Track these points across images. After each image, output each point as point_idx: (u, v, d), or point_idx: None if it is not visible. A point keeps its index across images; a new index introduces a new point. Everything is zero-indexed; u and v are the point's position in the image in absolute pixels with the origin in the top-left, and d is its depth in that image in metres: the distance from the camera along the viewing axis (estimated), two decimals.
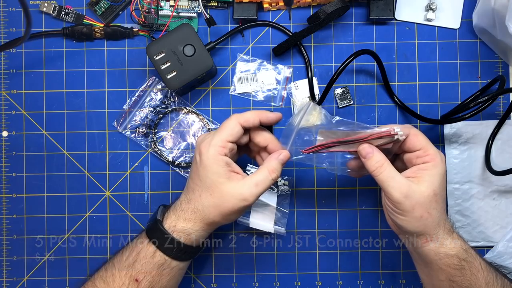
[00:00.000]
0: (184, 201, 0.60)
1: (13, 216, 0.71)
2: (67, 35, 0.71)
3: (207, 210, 0.58)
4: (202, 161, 0.58)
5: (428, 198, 0.55)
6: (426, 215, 0.56)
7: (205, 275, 0.71)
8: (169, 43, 0.65)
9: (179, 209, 0.60)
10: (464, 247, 0.58)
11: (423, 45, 0.72)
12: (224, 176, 0.57)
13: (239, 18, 0.70)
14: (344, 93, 0.71)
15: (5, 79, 0.72)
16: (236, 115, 0.59)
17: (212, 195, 0.58)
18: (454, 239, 0.58)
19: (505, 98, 0.72)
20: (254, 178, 0.58)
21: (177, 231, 0.59)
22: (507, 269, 0.69)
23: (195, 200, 0.59)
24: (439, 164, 0.57)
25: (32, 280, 0.71)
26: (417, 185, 0.55)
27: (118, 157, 0.71)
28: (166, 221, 0.60)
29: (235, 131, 0.58)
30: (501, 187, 0.70)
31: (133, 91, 0.72)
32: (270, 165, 0.59)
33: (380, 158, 0.57)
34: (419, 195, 0.55)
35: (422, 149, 0.57)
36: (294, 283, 0.71)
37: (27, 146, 0.71)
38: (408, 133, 0.57)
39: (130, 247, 0.61)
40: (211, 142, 0.58)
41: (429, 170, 0.56)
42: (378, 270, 0.71)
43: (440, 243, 0.57)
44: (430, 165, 0.56)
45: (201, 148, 0.58)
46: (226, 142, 0.58)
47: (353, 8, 0.72)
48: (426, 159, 0.57)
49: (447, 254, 0.57)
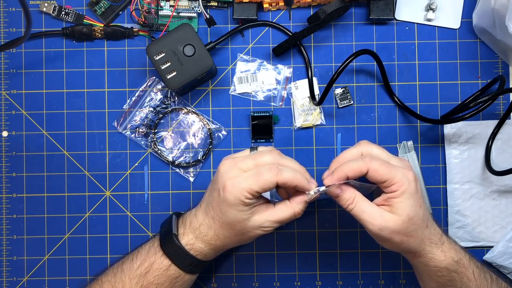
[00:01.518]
0: (204, 224, 0.58)
1: (13, 216, 0.71)
2: (67, 35, 0.71)
3: (227, 240, 0.58)
4: (226, 198, 0.55)
5: (403, 224, 0.54)
6: (405, 239, 0.56)
7: (205, 275, 0.71)
8: (169, 43, 0.65)
9: (198, 231, 0.58)
10: (455, 259, 0.57)
11: (423, 45, 0.72)
12: (247, 213, 0.56)
13: (239, 18, 0.70)
14: (344, 93, 0.71)
15: (5, 79, 0.72)
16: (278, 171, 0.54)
17: (234, 228, 0.57)
18: (444, 251, 0.57)
19: (505, 98, 0.72)
20: (278, 216, 0.57)
21: (194, 249, 0.59)
22: (507, 269, 0.69)
23: (216, 229, 0.58)
24: (407, 188, 0.54)
25: (32, 280, 0.71)
26: (389, 213, 0.55)
27: (118, 157, 0.71)
28: (183, 237, 0.59)
29: (268, 187, 0.54)
30: (501, 187, 0.70)
31: (133, 91, 0.72)
32: (298, 207, 0.57)
33: (348, 195, 0.56)
34: (393, 223, 0.54)
35: (386, 180, 0.55)
36: (294, 283, 0.71)
37: (27, 146, 0.72)
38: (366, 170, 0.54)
39: (141, 254, 0.60)
40: (240, 185, 0.54)
41: (398, 198, 0.55)
42: (378, 270, 0.71)
43: (429, 258, 0.57)
44: (398, 193, 0.55)
45: (227, 185, 0.54)
46: (255, 192, 0.54)
47: (353, 8, 0.72)
48: (392, 188, 0.55)
49: (437, 266, 0.57)
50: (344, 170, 0.55)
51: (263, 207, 0.57)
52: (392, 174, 0.54)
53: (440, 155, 0.71)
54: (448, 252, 0.57)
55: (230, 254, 0.71)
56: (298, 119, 0.71)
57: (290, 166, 0.57)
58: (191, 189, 0.72)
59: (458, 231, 0.71)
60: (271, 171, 0.54)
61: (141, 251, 0.61)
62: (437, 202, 0.71)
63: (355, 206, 0.56)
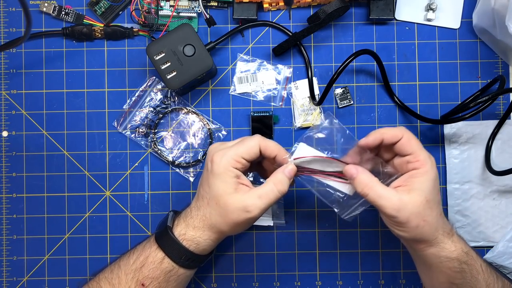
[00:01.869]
0: (194, 208, 0.60)
1: (13, 216, 0.71)
2: (67, 35, 0.71)
3: (214, 219, 0.58)
4: (213, 170, 0.57)
5: (421, 206, 0.54)
6: (422, 223, 0.55)
7: (205, 275, 0.71)
8: (169, 43, 0.65)
9: (189, 216, 0.60)
10: (465, 250, 0.57)
11: (423, 45, 0.72)
12: (231, 187, 0.57)
13: (239, 18, 0.70)
14: (344, 93, 0.71)
15: (5, 79, 0.72)
16: (260, 138, 0.59)
17: (218, 204, 0.57)
18: (454, 242, 0.57)
19: (505, 98, 0.72)
20: (258, 191, 0.57)
21: (186, 239, 0.59)
22: (507, 269, 0.69)
23: (204, 208, 0.59)
24: (430, 170, 0.55)
25: (32, 280, 0.71)
26: (408, 195, 0.54)
27: (118, 157, 0.71)
28: (176, 228, 0.60)
29: (253, 151, 0.58)
30: (501, 187, 0.70)
31: (133, 91, 0.72)
32: (276, 177, 0.58)
33: (364, 178, 0.56)
34: (412, 205, 0.54)
35: (412, 154, 0.56)
36: (294, 283, 0.71)
37: (27, 146, 0.72)
38: (402, 136, 0.56)
39: (138, 250, 0.61)
40: (226, 153, 0.57)
41: (419, 177, 0.55)
42: (378, 270, 0.71)
43: (441, 247, 0.57)
44: (420, 172, 0.55)
45: (214, 156, 0.58)
46: (241, 158, 0.57)
47: (353, 8, 0.72)
48: (416, 165, 0.55)
49: (448, 257, 0.57)
50: (381, 131, 0.57)
51: (246, 188, 0.58)
52: (421, 150, 0.56)
53: (440, 155, 0.71)
54: (458, 243, 0.57)
55: (230, 254, 0.71)
56: (298, 119, 0.71)
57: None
58: (191, 189, 0.72)
59: (458, 231, 0.70)
60: (254, 136, 0.59)
61: (138, 247, 0.61)
62: None
63: (371, 190, 0.55)
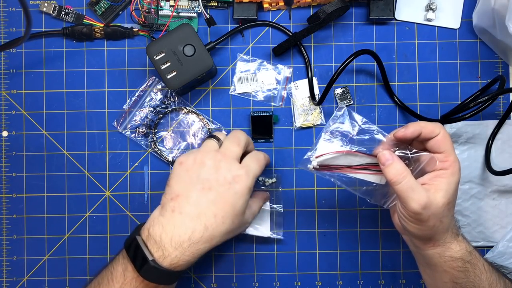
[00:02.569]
0: (197, 230, 0.55)
1: (13, 216, 0.71)
2: (67, 35, 0.71)
3: (222, 237, 0.57)
4: (241, 189, 0.57)
5: (442, 207, 0.54)
6: (438, 223, 0.55)
7: (205, 275, 0.71)
8: (169, 43, 0.65)
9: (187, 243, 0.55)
10: (469, 249, 0.58)
11: (423, 45, 0.72)
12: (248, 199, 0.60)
13: (239, 18, 0.70)
14: (344, 93, 0.71)
15: (5, 79, 0.72)
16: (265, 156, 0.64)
17: (235, 221, 0.57)
18: (459, 241, 0.57)
19: (505, 98, 0.72)
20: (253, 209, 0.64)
21: (180, 266, 0.55)
22: (507, 269, 0.69)
23: (215, 228, 0.56)
24: (457, 172, 0.55)
25: (32, 280, 0.71)
26: (433, 194, 0.54)
27: (118, 157, 0.71)
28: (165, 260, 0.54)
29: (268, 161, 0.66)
30: (501, 187, 0.70)
31: (133, 91, 0.72)
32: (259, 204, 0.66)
33: (400, 167, 0.54)
34: (435, 205, 0.54)
35: (444, 153, 0.55)
36: (294, 283, 0.71)
37: (27, 146, 0.72)
38: (439, 133, 0.55)
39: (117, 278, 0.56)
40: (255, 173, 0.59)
41: (446, 178, 0.55)
42: (378, 270, 0.71)
43: (446, 247, 0.57)
44: (448, 173, 0.55)
45: (240, 174, 0.58)
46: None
47: (353, 8, 0.72)
48: (445, 165, 0.55)
49: (452, 257, 0.57)
50: (420, 124, 0.56)
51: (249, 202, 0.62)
52: (452, 151, 0.55)
53: None
54: (463, 243, 0.57)
55: (230, 254, 0.71)
56: (298, 119, 0.71)
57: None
58: None
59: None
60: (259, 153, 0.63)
61: (115, 273, 0.56)
62: None
63: (403, 180, 0.54)
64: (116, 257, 0.58)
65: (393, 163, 0.55)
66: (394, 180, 0.54)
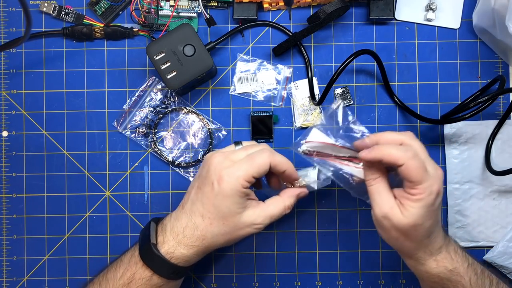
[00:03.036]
0: (188, 227, 0.56)
1: (13, 216, 0.71)
2: (67, 35, 0.71)
3: (216, 238, 0.56)
4: (223, 190, 0.54)
5: (406, 226, 0.53)
6: (402, 238, 0.55)
7: (205, 275, 0.71)
8: (169, 43, 0.65)
9: (181, 235, 0.57)
10: (449, 268, 0.56)
11: (423, 45, 0.72)
12: (241, 206, 0.55)
13: (239, 18, 0.70)
14: (344, 93, 0.71)
15: (5, 79, 0.72)
16: (270, 153, 0.56)
17: (225, 223, 0.56)
18: (437, 261, 0.56)
19: (505, 98, 0.72)
20: (270, 211, 0.57)
21: (175, 257, 0.57)
22: (507, 269, 0.69)
23: (204, 227, 0.56)
24: (425, 198, 0.52)
25: (32, 280, 0.71)
26: (398, 210, 0.53)
27: (118, 157, 0.72)
28: (163, 246, 0.57)
29: (263, 170, 0.55)
30: (501, 187, 0.70)
31: (133, 91, 0.72)
32: (289, 202, 0.58)
33: (375, 172, 0.55)
34: (397, 221, 0.53)
35: (412, 182, 0.52)
36: (294, 283, 0.71)
37: (27, 146, 0.72)
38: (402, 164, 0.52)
39: (123, 263, 0.59)
40: (236, 173, 0.54)
41: (413, 202, 0.53)
42: (378, 270, 0.71)
43: (420, 263, 0.57)
44: (414, 198, 0.52)
45: (223, 175, 0.54)
46: (252, 177, 0.55)
47: (353, 8, 0.72)
48: (412, 191, 0.53)
49: (427, 272, 0.57)
50: (382, 152, 0.53)
51: (254, 203, 0.57)
52: (421, 178, 0.52)
53: (440, 155, 0.71)
54: (442, 262, 0.56)
55: (230, 254, 0.71)
56: (298, 119, 0.71)
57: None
58: None
59: (458, 231, 0.71)
60: (263, 153, 0.56)
61: (123, 259, 0.59)
62: None
63: (375, 184, 0.55)
64: (130, 247, 0.61)
65: (371, 168, 0.55)
66: (368, 181, 0.55)
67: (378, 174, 0.55)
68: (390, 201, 0.54)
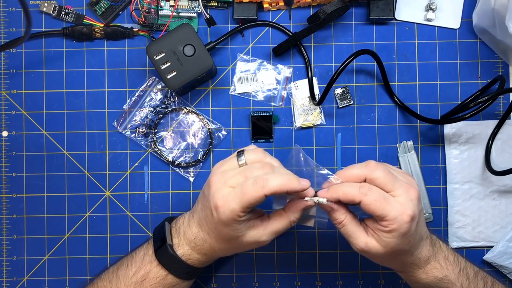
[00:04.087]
0: (198, 238, 0.58)
1: (13, 216, 0.71)
2: (67, 35, 0.71)
3: (224, 251, 0.59)
4: (221, 219, 0.53)
5: (385, 254, 0.55)
6: (385, 262, 0.58)
7: (205, 275, 0.71)
8: (169, 43, 0.65)
9: (193, 243, 0.58)
10: (439, 277, 0.58)
11: (423, 45, 0.72)
12: (243, 229, 0.55)
13: (239, 18, 0.70)
14: (344, 93, 0.71)
15: (5, 79, 0.72)
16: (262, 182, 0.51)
17: (230, 243, 0.57)
18: (426, 272, 0.58)
19: (505, 98, 0.72)
20: (274, 228, 0.56)
21: (191, 259, 0.59)
22: (507, 269, 0.69)
23: (211, 243, 0.58)
24: (398, 228, 0.52)
25: (32, 280, 0.71)
26: (374, 242, 0.54)
27: (118, 157, 0.71)
28: (179, 249, 0.59)
29: (258, 202, 0.52)
30: (501, 187, 0.70)
31: (133, 91, 0.72)
32: (294, 217, 0.56)
33: (338, 216, 0.55)
34: (376, 252, 0.54)
35: (378, 216, 0.52)
36: (294, 283, 0.71)
37: (27, 146, 0.72)
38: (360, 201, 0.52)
39: (136, 261, 0.60)
40: (231, 206, 0.52)
41: (386, 233, 0.53)
42: (378, 270, 0.71)
43: (410, 275, 0.59)
44: (387, 230, 0.52)
45: (219, 205, 0.53)
46: (247, 208, 0.53)
47: (353, 8, 0.72)
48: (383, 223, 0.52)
49: (417, 282, 0.59)
50: (337, 192, 0.53)
51: (257, 221, 0.56)
52: (385, 211, 0.51)
53: (440, 155, 0.71)
54: (431, 272, 0.58)
55: None
56: (298, 119, 0.71)
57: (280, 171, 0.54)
58: (191, 189, 0.72)
59: (458, 231, 0.71)
60: (256, 185, 0.51)
61: (136, 257, 0.60)
62: (437, 202, 0.71)
63: (343, 227, 0.56)
64: (141, 245, 0.62)
65: (333, 214, 0.56)
66: (335, 224, 0.56)
67: (343, 216, 0.55)
68: (362, 238, 0.55)
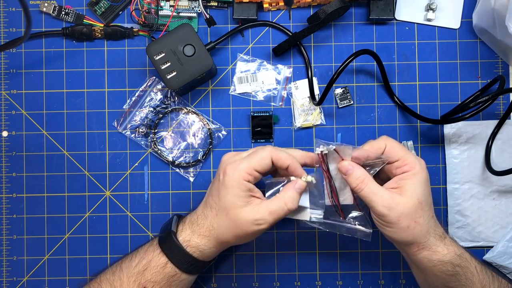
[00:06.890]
0: (201, 216, 0.60)
1: (13, 216, 0.71)
2: (67, 35, 0.71)
3: (221, 230, 0.58)
4: (225, 182, 0.57)
5: (413, 207, 0.55)
6: (413, 224, 0.56)
7: (205, 275, 0.71)
8: (169, 43, 0.65)
9: (195, 224, 0.60)
10: (458, 253, 0.58)
11: (423, 45, 0.72)
12: (243, 200, 0.57)
13: (239, 18, 0.70)
14: (344, 93, 0.71)
15: (5, 79, 0.72)
16: (272, 149, 0.59)
17: (227, 216, 0.58)
18: (447, 245, 0.58)
19: (505, 98, 0.72)
20: (269, 206, 0.57)
21: (191, 246, 0.59)
22: (507, 269, 0.69)
23: (211, 218, 0.59)
24: (419, 171, 0.56)
25: (32, 280, 0.71)
26: (400, 196, 0.56)
27: (118, 157, 0.72)
28: (181, 234, 0.60)
29: (265, 163, 0.58)
30: (501, 187, 0.70)
31: (133, 91, 0.72)
32: (287, 195, 0.58)
33: (360, 174, 0.57)
34: (403, 206, 0.55)
35: (400, 159, 0.57)
36: (294, 283, 0.71)
37: (27, 146, 0.72)
38: (384, 146, 0.58)
39: (140, 253, 0.61)
40: (239, 166, 0.57)
41: (410, 179, 0.56)
42: (378, 270, 0.71)
43: (433, 251, 0.57)
44: (410, 174, 0.56)
45: (227, 168, 0.58)
46: (253, 170, 0.58)
47: (353, 8, 0.72)
48: (405, 168, 0.57)
49: (441, 261, 0.57)
50: (364, 148, 0.58)
51: (257, 201, 0.58)
52: (407, 154, 0.57)
53: (440, 155, 0.71)
54: (451, 246, 0.58)
55: (230, 254, 0.71)
56: (298, 119, 0.71)
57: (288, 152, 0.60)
58: (191, 189, 0.72)
59: (458, 231, 0.71)
60: (266, 148, 0.59)
61: (140, 250, 0.61)
62: (437, 202, 0.71)
63: (365, 186, 0.56)
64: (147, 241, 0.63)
65: (353, 172, 0.57)
66: (357, 187, 0.57)
67: (363, 176, 0.57)
68: (387, 193, 0.56)
